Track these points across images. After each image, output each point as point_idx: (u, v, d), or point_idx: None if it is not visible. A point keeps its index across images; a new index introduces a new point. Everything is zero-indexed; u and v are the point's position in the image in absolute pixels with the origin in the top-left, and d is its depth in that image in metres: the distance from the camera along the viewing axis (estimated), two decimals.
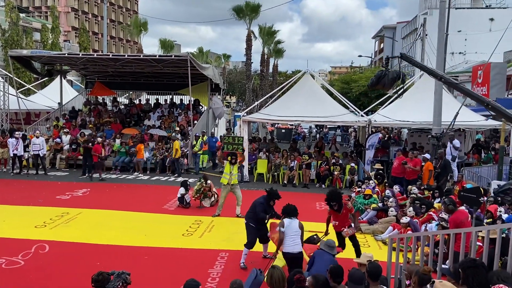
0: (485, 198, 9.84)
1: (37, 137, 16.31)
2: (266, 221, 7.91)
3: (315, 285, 3.88)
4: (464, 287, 3.70)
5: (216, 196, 12.31)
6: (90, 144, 16.08)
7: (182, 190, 11.95)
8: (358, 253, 7.43)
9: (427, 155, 13.14)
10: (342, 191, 10.24)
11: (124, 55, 20.09)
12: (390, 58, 11.03)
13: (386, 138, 19.02)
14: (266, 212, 7.87)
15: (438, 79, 10.15)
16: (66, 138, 18.51)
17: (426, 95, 15.70)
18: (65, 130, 18.93)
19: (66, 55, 19.46)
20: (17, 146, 15.92)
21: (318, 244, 7.02)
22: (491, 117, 17.47)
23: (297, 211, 6.85)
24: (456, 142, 14.85)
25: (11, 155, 16.14)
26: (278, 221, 7.31)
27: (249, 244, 7.83)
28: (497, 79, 24.17)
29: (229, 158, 10.85)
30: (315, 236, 7.62)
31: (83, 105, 22.83)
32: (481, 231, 5.26)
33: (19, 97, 19.84)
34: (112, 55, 19.40)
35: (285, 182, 15.67)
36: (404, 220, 9.12)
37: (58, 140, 18.17)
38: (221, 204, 11.00)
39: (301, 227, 6.73)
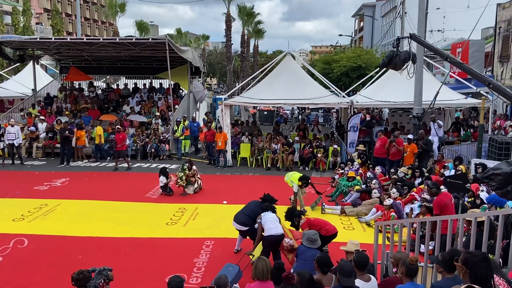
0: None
1: (12, 126, 15.76)
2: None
3: (301, 283, 3.80)
4: (450, 275, 3.70)
5: (200, 182, 12.16)
6: (68, 132, 15.66)
7: (163, 179, 11.70)
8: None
9: (411, 136, 13.21)
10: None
11: (99, 39, 19.39)
12: (400, 38, 11.02)
13: (370, 118, 19.06)
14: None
15: (444, 59, 10.24)
16: (42, 126, 17.95)
17: (407, 74, 15.71)
18: (41, 118, 18.33)
19: (38, 39, 18.68)
20: None
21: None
22: (470, 95, 17.69)
23: (274, 208, 7.09)
24: (439, 123, 15.03)
25: None
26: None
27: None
28: (475, 56, 24.49)
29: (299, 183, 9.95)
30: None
31: (58, 91, 22.11)
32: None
33: None
34: (87, 39, 18.68)
35: (268, 165, 15.61)
36: (387, 202, 9.18)
37: (33, 128, 17.59)
38: (301, 200, 10.33)
39: (278, 219, 6.99)
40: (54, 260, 7.42)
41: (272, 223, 6.79)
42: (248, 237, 7.50)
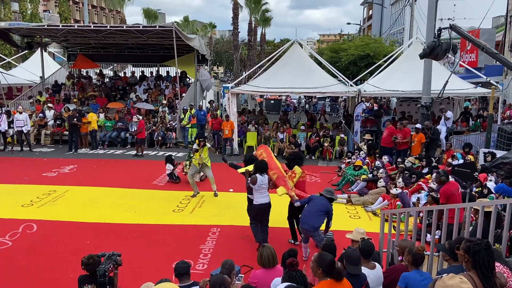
0: None
1: (20, 113, 15.88)
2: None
3: (320, 262, 3.75)
4: (457, 263, 3.69)
5: None
6: (75, 119, 15.76)
7: (169, 166, 11.78)
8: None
9: (419, 125, 13.12)
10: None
11: (106, 26, 19.38)
12: (442, 29, 10.94)
13: (378, 108, 18.97)
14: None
15: (481, 49, 10.17)
16: (50, 113, 18.06)
17: (415, 63, 15.53)
18: (49, 105, 18.44)
19: (46, 26, 18.68)
20: (0, 122, 15.51)
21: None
22: (480, 85, 17.47)
23: (268, 167, 7.50)
24: (449, 114, 14.90)
25: None
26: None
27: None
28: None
29: (197, 141, 10.38)
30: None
31: (66, 79, 22.19)
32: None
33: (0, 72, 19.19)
34: (94, 26, 18.68)
35: (275, 154, 15.58)
36: (394, 191, 9.15)
37: (41, 115, 17.73)
38: (193, 183, 10.61)
39: (269, 181, 7.50)
40: (63, 245, 7.52)
41: (262, 193, 7.30)
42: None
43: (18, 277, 6.37)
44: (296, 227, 7.72)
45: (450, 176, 7.98)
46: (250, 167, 7.76)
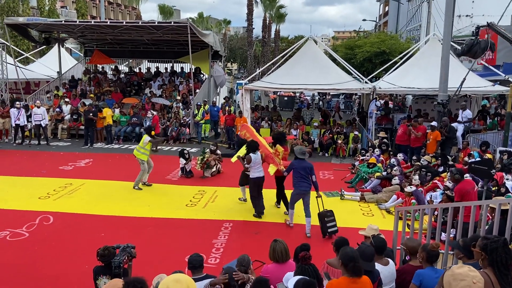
0: None
1: (38, 107, 16.15)
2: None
3: (363, 255, 3.73)
4: (471, 261, 3.64)
5: (219, 167, 12.27)
6: (91, 114, 15.97)
7: (182, 160, 11.88)
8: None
9: (434, 123, 12.94)
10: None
11: (122, 22, 19.55)
12: (480, 27, 10.89)
13: (385, 105, 18.77)
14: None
15: None
16: (66, 108, 18.33)
17: (432, 60, 15.34)
18: (65, 100, 18.72)
19: (63, 22, 18.96)
20: (19, 116, 15.81)
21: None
22: (498, 82, 17.15)
23: (258, 145, 8.71)
24: (468, 113, 14.65)
25: (13, 125, 16.04)
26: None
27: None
28: (504, 42, 23.62)
29: (152, 132, 11.03)
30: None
31: (83, 74, 22.49)
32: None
33: (18, 66, 19.52)
34: (110, 22, 18.87)
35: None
36: (409, 189, 9.06)
37: (58, 110, 18.00)
38: (140, 179, 10.85)
39: (261, 157, 8.67)
40: (78, 237, 7.65)
41: (258, 168, 8.57)
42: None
43: (34, 267, 6.50)
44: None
45: (467, 174, 7.87)
46: (240, 153, 9.06)
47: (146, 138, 10.71)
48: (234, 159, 9.31)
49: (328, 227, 7.69)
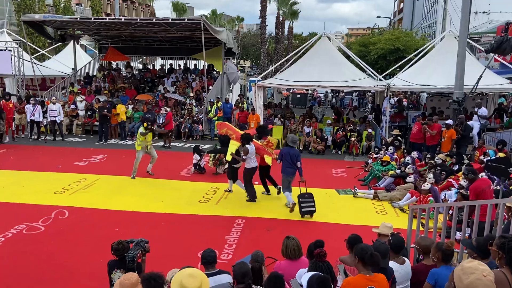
0: None
1: (54, 103, 16.37)
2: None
3: (358, 254, 3.69)
4: (484, 260, 3.58)
5: None
6: (106, 110, 16.13)
7: (196, 156, 11.95)
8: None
9: (450, 121, 12.76)
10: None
11: (136, 19, 19.74)
12: (510, 23, 10.80)
13: (398, 102, 18.56)
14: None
15: None
16: (81, 104, 18.55)
17: (447, 57, 15.11)
18: (81, 96, 18.93)
19: (78, 19, 19.15)
20: (35, 112, 16.05)
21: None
22: None
23: (252, 137, 9.43)
24: (484, 111, 14.42)
25: (29, 121, 16.30)
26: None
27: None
28: None
29: (145, 124, 11.06)
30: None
31: (97, 71, 22.72)
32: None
33: (34, 63, 19.81)
34: (124, 19, 19.05)
35: (300, 148, 15.52)
36: (425, 187, 8.95)
37: (73, 106, 18.22)
38: (136, 168, 11.30)
39: (255, 147, 9.41)
40: (93, 231, 7.75)
41: (253, 159, 9.36)
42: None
43: (49, 260, 6.60)
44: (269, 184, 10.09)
45: (482, 173, 7.75)
46: (232, 149, 9.56)
47: (140, 129, 11.05)
48: (229, 157, 9.72)
49: (302, 207, 8.54)
